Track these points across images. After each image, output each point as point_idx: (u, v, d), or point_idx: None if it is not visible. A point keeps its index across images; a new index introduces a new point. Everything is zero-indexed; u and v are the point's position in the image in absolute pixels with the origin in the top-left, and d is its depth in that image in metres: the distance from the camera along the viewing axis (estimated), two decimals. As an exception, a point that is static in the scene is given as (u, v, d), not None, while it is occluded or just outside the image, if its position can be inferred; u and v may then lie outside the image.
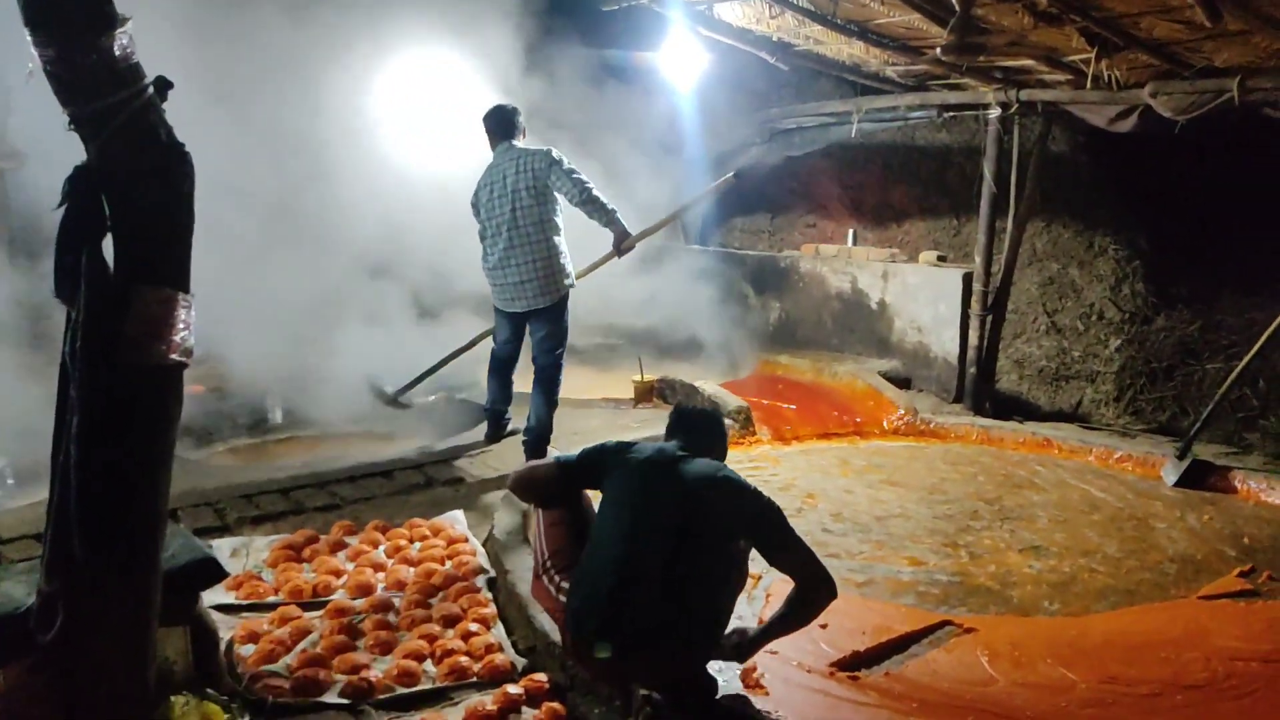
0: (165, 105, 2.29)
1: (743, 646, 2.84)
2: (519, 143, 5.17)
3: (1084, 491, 5.20)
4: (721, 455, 3.05)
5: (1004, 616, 3.69)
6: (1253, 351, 5.19)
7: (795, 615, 2.81)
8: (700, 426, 3.06)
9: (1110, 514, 4.84)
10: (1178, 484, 5.24)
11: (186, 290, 2.32)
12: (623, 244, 5.23)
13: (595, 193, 4.97)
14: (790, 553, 2.77)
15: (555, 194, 5.05)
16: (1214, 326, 7.09)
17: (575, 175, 4.95)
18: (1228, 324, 7.04)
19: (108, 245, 2.30)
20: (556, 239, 5.10)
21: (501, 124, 5.19)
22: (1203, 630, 3.52)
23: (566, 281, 5.16)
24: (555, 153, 5.02)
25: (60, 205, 2.21)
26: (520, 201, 4.99)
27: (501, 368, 5.49)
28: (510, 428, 5.60)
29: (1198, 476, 5.25)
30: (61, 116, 2.16)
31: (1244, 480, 5.17)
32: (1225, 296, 7.13)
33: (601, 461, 2.98)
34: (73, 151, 2.23)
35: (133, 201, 2.25)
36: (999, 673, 3.21)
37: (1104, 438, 6.02)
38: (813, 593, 2.77)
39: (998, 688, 3.12)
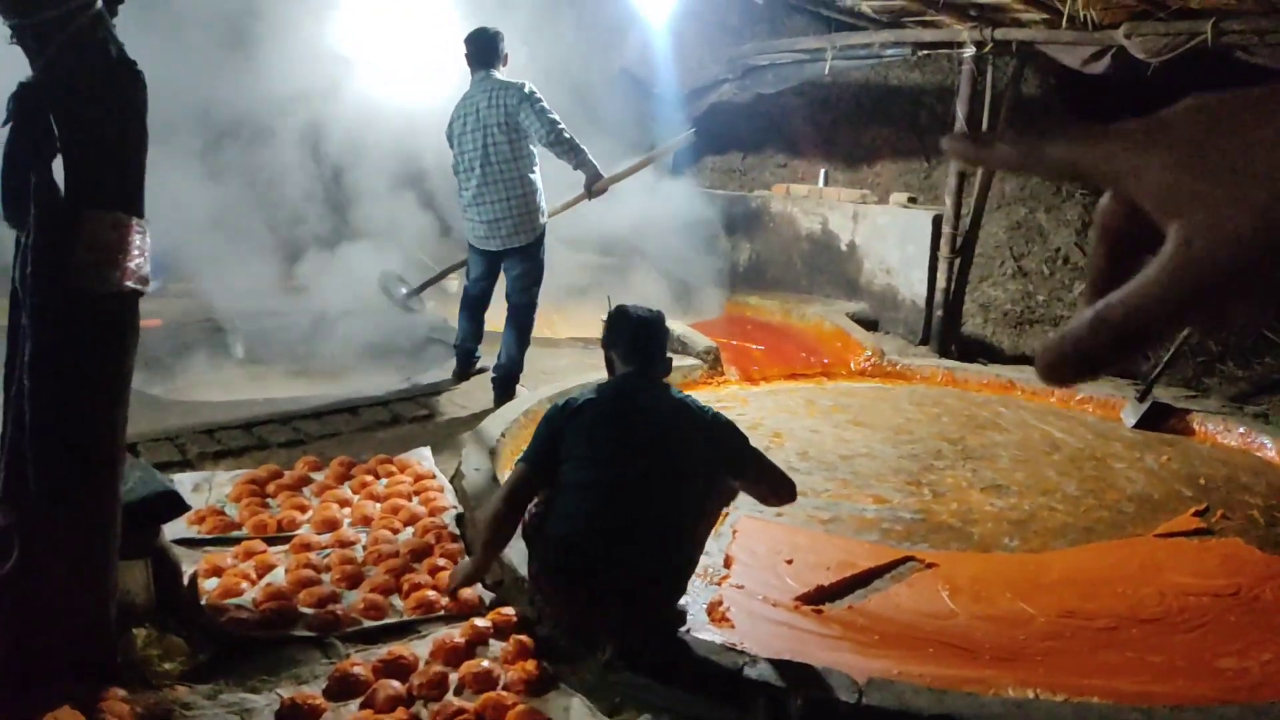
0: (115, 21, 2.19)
1: None
2: (497, 73, 4.97)
3: (1045, 432, 5.28)
4: (667, 361, 3.05)
5: (965, 553, 3.76)
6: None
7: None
8: (645, 336, 2.97)
9: (1070, 454, 4.92)
10: (1137, 425, 5.33)
11: (140, 215, 2.24)
12: (594, 186, 5.13)
13: (566, 133, 4.86)
14: (754, 466, 2.84)
15: (527, 136, 4.92)
16: (1177, 272, 7.16)
17: (547, 114, 4.82)
18: (1191, 269, 7.12)
19: (58, 167, 2.21)
20: (531, 175, 4.97)
21: (483, 49, 4.96)
22: (1158, 566, 3.61)
23: (541, 219, 5.05)
24: (528, 87, 4.85)
25: (4, 124, 2.12)
26: (492, 137, 4.86)
27: (473, 306, 5.40)
28: (479, 366, 5.55)
29: (1157, 418, 5.34)
30: (3, 29, 2.06)
31: (1202, 422, 5.27)
32: (1189, 242, 7.20)
33: (559, 433, 2.79)
34: (17, 67, 2.12)
35: (83, 121, 2.16)
36: (959, 607, 3.27)
37: (1066, 380, 6.09)
38: (780, 496, 2.91)
39: (958, 621, 3.18)
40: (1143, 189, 0.40)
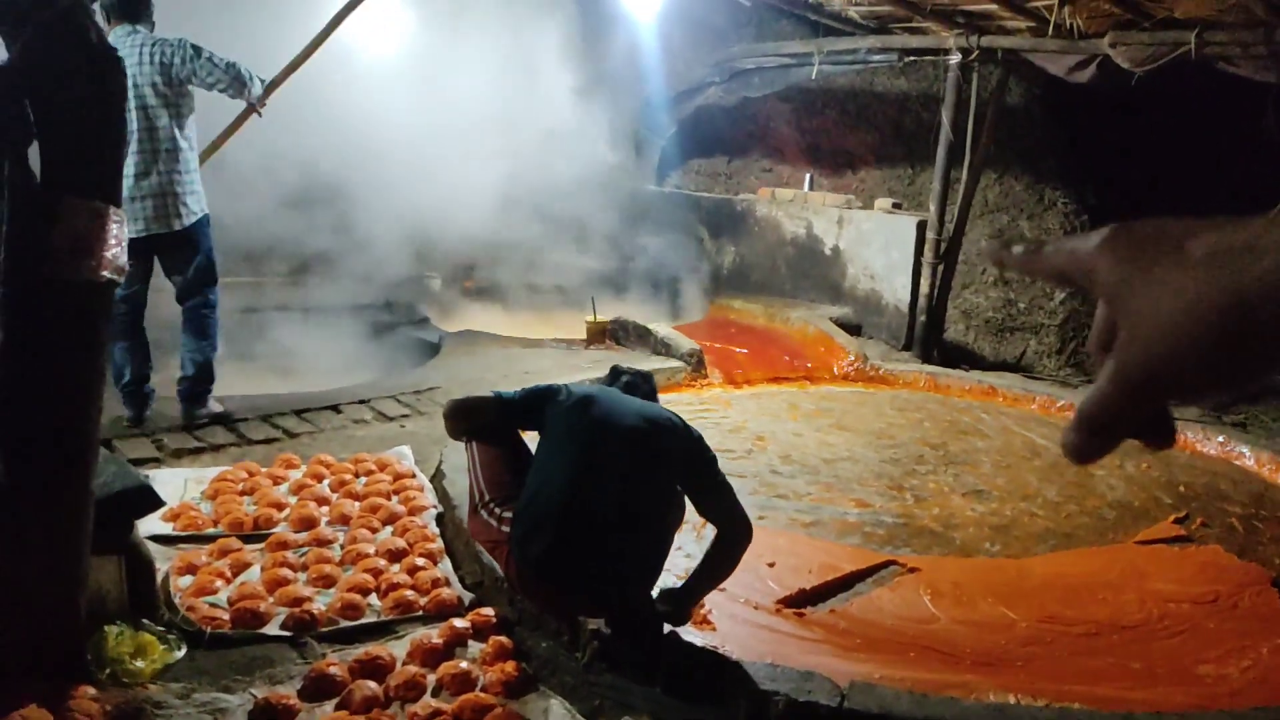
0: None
1: (678, 613, 2.80)
2: (146, 28, 4.14)
3: (1026, 438, 5.29)
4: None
5: (946, 557, 3.75)
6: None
7: (721, 565, 2.78)
8: (635, 385, 3.04)
9: (1051, 460, 4.93)
10: (1117, 433, 5.35)
11: (118, 204, 2.20)
12: (261, 99, 4.41)
13: (242, 67, 4.20)
14: (719, 497, 2.75)
15: (191, 97, 4.22)
16: (1157, 281, 7.21)
17: (224, 60, 4.15)
18: (1171, 279, 7.17)
19: (34, 154, 2.17)
20: (191, 153, 4.27)
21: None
22: (1139, 573, 3.61)
23: (203, 201, 4.33)
24: (191, 40, 4.13)
25: (-22, 107, 2.07)
26: (148, 102, 4.07)
27: (127, 321, 4.26)
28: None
29: (1136, 426, 5.36)
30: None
31: (1181, 431, 5.28)
32: (1170, 252, 7.25)
33: (543, 402, 2.90)
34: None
35: (60, 107, 2.12)
36: (941, 611, 3.26)
37: (1047, 387, 6.12)
38: (736, 540, 2.75)
39: (940, 625, 3.18)
40: (1100, 292, 0.48)
